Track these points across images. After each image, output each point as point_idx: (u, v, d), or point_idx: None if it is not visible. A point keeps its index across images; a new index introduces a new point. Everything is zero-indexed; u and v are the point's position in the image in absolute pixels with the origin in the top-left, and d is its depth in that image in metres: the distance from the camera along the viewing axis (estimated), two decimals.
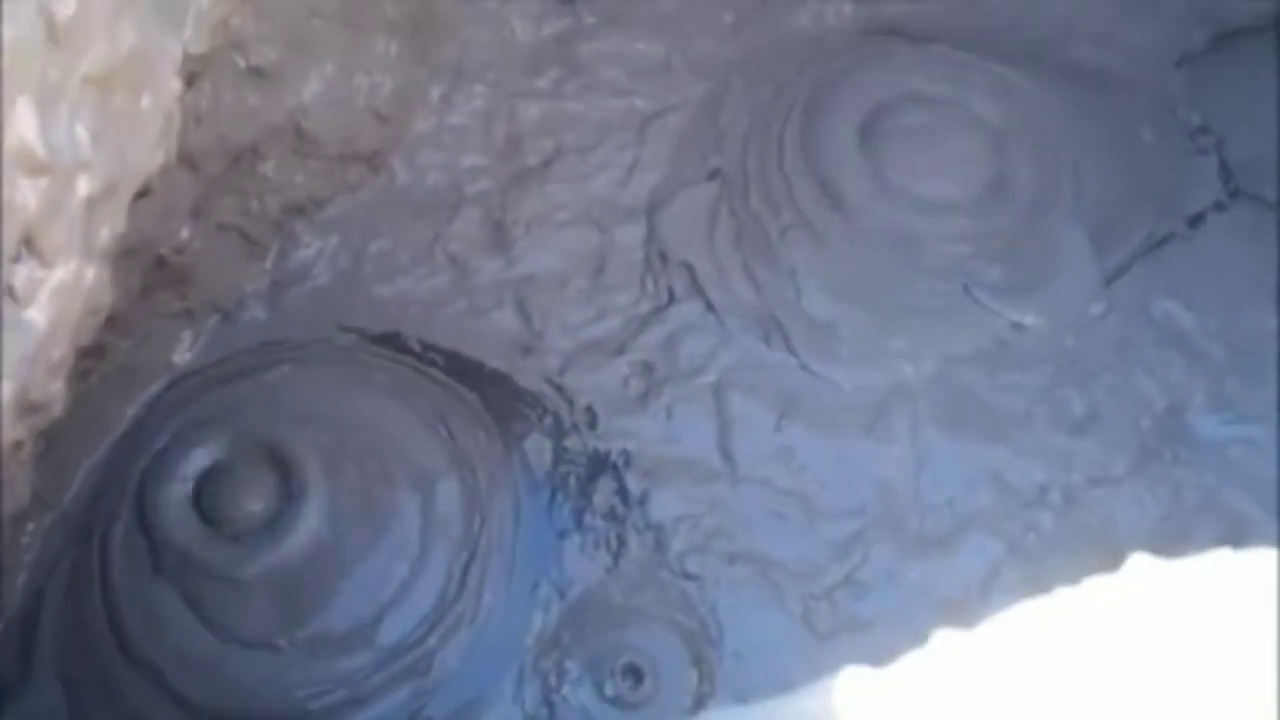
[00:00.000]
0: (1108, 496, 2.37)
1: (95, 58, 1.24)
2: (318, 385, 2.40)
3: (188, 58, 1.55)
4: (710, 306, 2.61)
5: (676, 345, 2.58)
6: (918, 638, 1.32)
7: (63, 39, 1.23)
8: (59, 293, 1.35)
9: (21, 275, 1.32)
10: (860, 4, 3.03)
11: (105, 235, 1.39)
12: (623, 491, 2.39)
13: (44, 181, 1.29)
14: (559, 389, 2.51)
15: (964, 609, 2.09)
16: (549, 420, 2.47)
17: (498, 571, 2.28)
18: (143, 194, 1.46)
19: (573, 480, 2.41)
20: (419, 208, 2.71)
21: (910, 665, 1.28)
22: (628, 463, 2.42)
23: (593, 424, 2.48)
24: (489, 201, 2.72)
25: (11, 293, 1.32)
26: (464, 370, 2.50)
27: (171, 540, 2.17)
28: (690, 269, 2.64)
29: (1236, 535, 2.30)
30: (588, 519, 2.35)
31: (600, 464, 2.42)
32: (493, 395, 2.48)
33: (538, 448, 2.44)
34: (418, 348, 2.52)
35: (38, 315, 1.36)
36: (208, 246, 2.33)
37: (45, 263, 1.35)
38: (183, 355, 2.47)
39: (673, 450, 2.45)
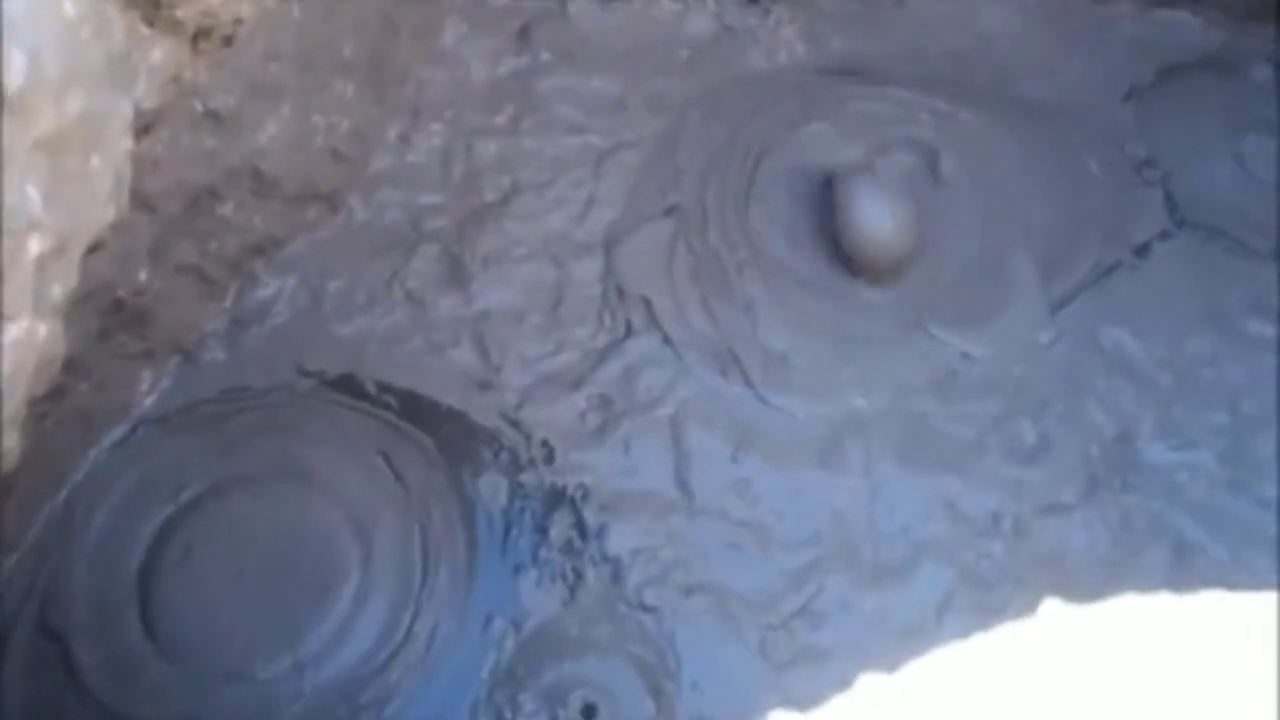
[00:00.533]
0: (1058, 524, 2.41)
1: (45, 124, 1.25)
2: (273, 437, 2.43)
3: (140, 112, 1.57)
4: (667, 340, 2.64)
5: (634, 379, 2.61)
6: (875, 665, 1.36)
7: (14, 108, 1.25)
8: (12, 349, 1.36)
9: None
10: (812, 44, 3.09)
11: (57, 291, 1.41)
12: (580, 525, 2.41)
13: None
14: (516, 424, 2.53)
15: (919, 636, 2.13)
16: (505, 456, 2.49)
17: (452, 608, 2.30)
18: (95, 248, 1.48)
19: (529, 515, 2.43)
20: (377, 245, 2.73)
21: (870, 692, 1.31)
22: (585, 496, 2.45)
23: (550, 459, 2.50)
24: (447, 238, 2.75)
25: None
26: (420, 411, 2.52)
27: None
28: (648, 303, 2.67)
29: (1183, 559, 2.36)
30: (544, 553, 2.37)
31: (557, 498, 2.45)
32: (449, 434, 2.50)
33: (493, 484, 2.46)
34: (374, 390, 2.54)
35: None
36: (166, 288, 2.35)
37: None
38: (142, 397, 2.48)
39: (630, 483, 2.48)
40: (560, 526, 2.40)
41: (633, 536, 2.41)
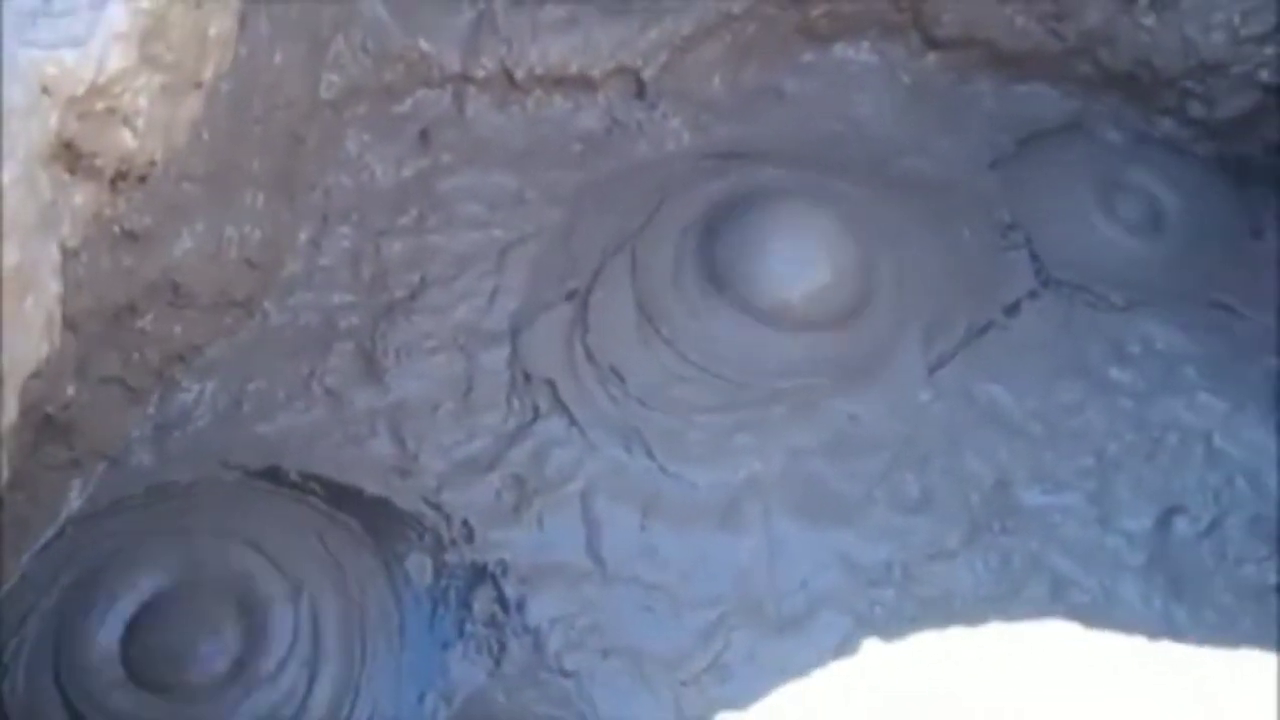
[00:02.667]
0: (944, 568, 2.59)
1: None
2: (200, 516, 2.56)
3: (65, 250, 1.71)
4: (573, 420, 2.80)
5: (544, 458, 2.76)
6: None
7: None
8: None
9: None
10: (696, 131, 3.29)
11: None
12: (501, 599, 2.55)
13: None
14: (437, 507, 2.67)
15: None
16: (428, 538, 2.63)
17: (384, 687, 2.42)
18: (31, 378, 1.60)
19: (453, 592, 2.57)
20: (293, 346, 2.87)
21: None
22: (504, 571, 2.59)
23: (470, 538, 2.64)
24: (360, 335, 2.90)
25: None
26: (344, 497, 2.66)
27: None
28: (553, 386, 2.84)
29: (1059, 593, 2.55)
30: (469, 627, 2.51)
31: (479, 575, 2.59)
32: (373, 519, 2.63)
33: (419, 564, 2.59)
34: (299, 479, 2.67)
35: None
36: (92, 400, 2.47)
37: None
38: (72, 503, 2.59)
39: (546, 556, 2.63)
40: (483, 601, 2.54)
41: (551, 606, 2.55)
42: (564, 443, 2.77)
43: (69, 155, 1.51)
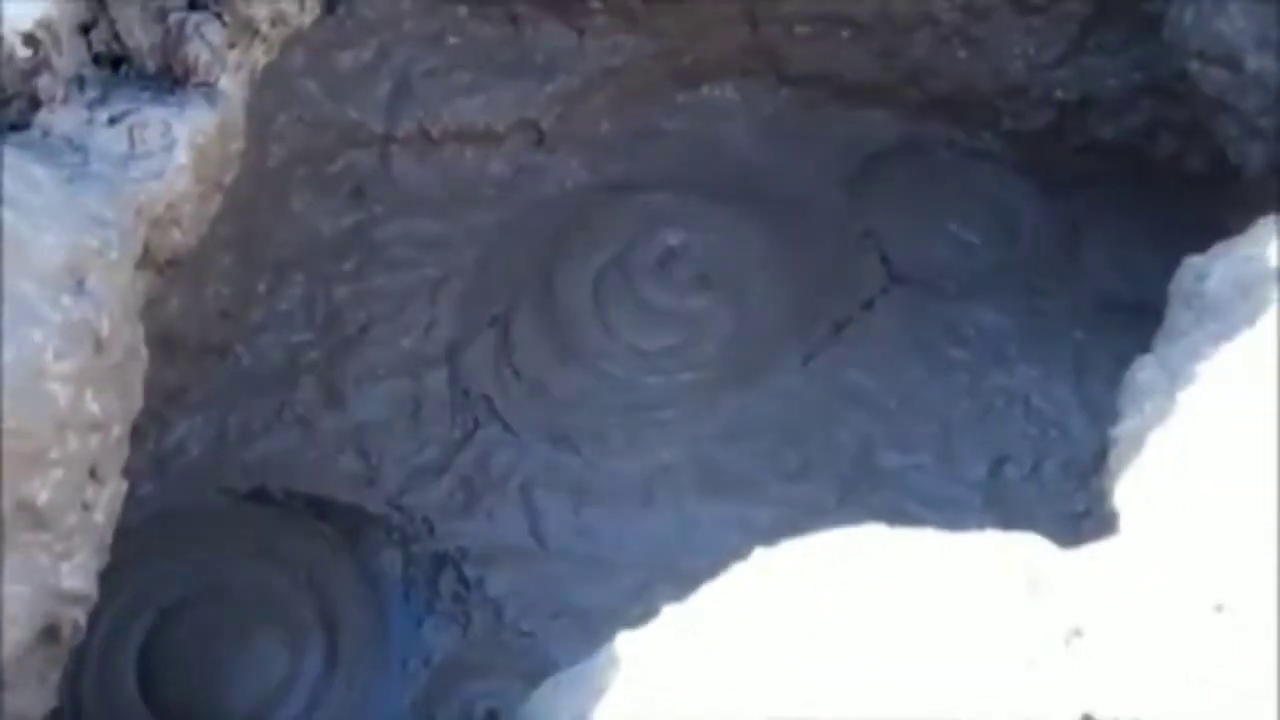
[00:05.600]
0: (823, 523, 3.12)
1: None
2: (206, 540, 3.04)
3: None
4: (508, 428, 3.32)
5: (486, 461, 3.27)
6: None
7: None
8: None
9: None
10: (590, 169, 3.80)
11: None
12: (463, 579, 3.06)
13: None
14: (400, 509, 3.17)
15: None
16: (396, 534, 3.13)
17: (374, 658, 2.94)
18: None
19: (421, 577, 3.08)
20: (264, 382, 3.34)
21: None
22: (463, 557, 3.10)
23: (431, 532, 3.14)
24: (321, 369, 3.36)
25: None
26: (322, 507, 3.15)
27: None
28: (488, 400, 3.35)
29: None
30: (438, 604, 3.02)
31: (442, 561, 3.09)
32: (349, 523, 3.13)
33: (391, 557, 3.09)
34: (282, 496, 3.17)
35: None
36: None
37: None
38: None
39: (496, 541, 3.13)
40: (448, 582, 3.05)
41: (505, 582, 3.06)
42: (502, 447, 3.29)
43: (144, 256, 2.00)
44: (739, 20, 3.78)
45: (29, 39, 1.85)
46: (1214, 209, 3.20)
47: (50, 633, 1.67)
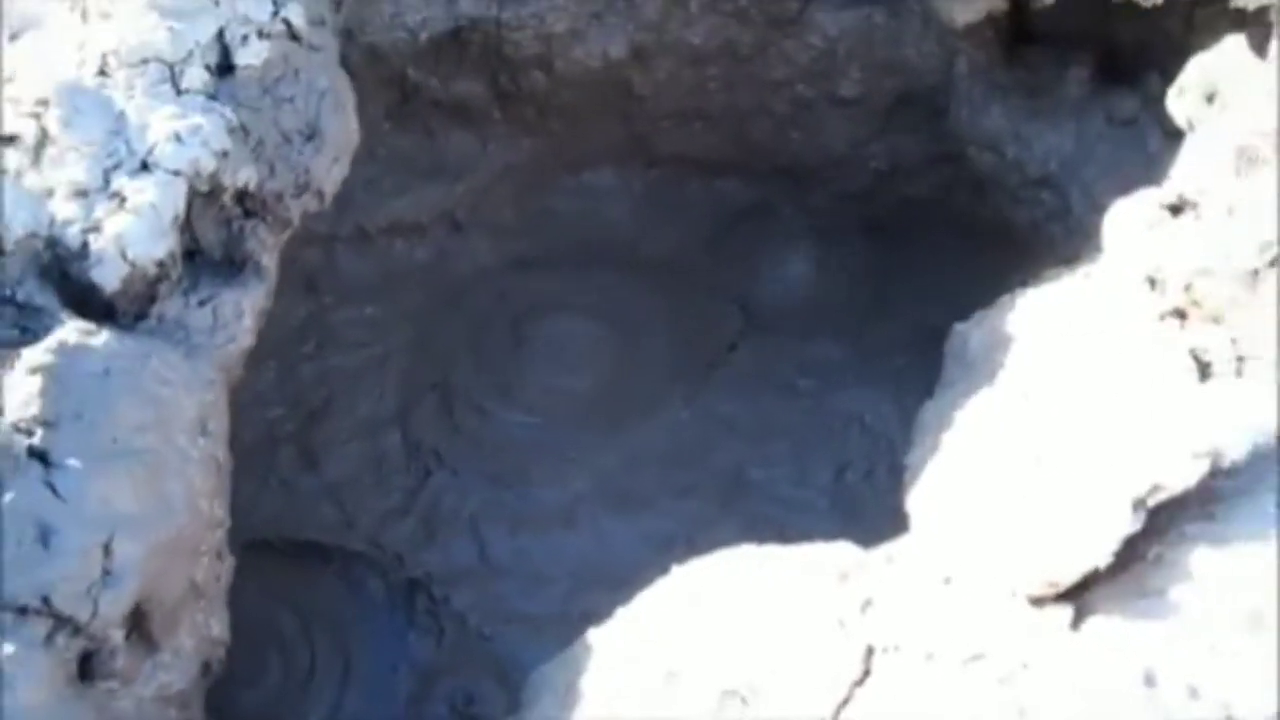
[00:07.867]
0: (710, 531, 4.01)
1: None
2: None
3: None
4: (455, 472, 4.15)
5: (439, 500, 4.09)
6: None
7: None
8: None
9: None
10: (497, 250, 4.63)
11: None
12: (432, 598, 3.89)
13: None
14: (377, 546, 3.97)
15: None
16: (375, 567, 3.95)
17: (369, 667, 3.75)
18: None
19: (399, 599, 3.90)
20: (250, 452, 4.11)
21: None
22: (431, 580, 3.91)
23: (402, 563, 3.96)
24: (295, 438, 4.16)
25: None
26: (314, 551, 3.94)
27: None
28: (437, 453, 4.18)
29: (780, 534, 4.02)
30: (417, 620, 3.85)
31: (414, 585, 3.91)
32: (336, 562, 3.94)
33: (374, 586, 3.90)
34: (281, 545, 3.95)
35: None
36: None
37: None
38: None
39: (455, 566, 3.96)
40: (421, 601, 3.87)
41: (466, 598, 3.89)
42: (452, 488, 4.11)
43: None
44: (614, 119, 4.61)
45: (160, 264, 2.63)
46: (1002, 250, 4.13)
47: (205, 668, 2.48)
